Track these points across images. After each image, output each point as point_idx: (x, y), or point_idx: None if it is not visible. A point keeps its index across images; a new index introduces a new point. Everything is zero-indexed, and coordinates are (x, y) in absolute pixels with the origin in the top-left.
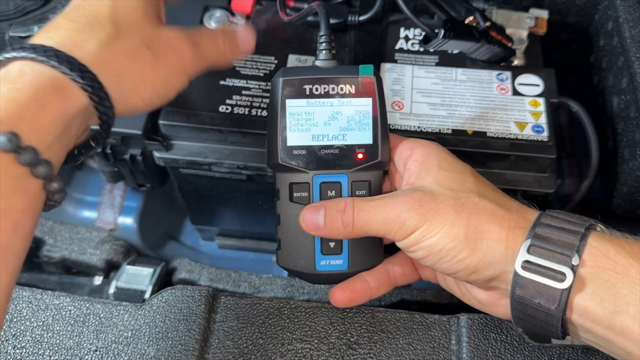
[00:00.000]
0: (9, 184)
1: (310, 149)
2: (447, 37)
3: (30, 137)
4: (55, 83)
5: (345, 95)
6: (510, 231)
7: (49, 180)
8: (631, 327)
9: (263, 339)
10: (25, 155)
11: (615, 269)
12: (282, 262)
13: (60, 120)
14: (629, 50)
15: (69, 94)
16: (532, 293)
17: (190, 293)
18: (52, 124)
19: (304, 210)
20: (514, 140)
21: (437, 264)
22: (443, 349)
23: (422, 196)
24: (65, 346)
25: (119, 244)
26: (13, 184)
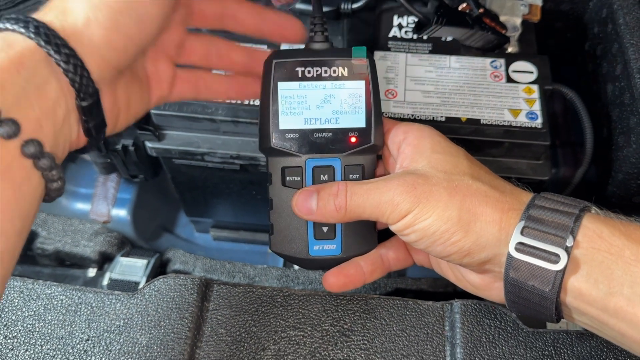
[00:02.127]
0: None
1: (302, 133)
2: (439, 23)
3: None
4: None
5: (338, 77)
6: (504, 213)
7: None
8: (625, 308)
9: (256, 327)
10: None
11: (610, 250)
12: (274, 247)
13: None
14: (623, 37)
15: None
16: (526, 275)
17: (182, 282)
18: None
19: (296, 195)
20: (507, 128)
21: (431, 247)
22: (437, 335)
23: (415, 179)
24: (57, 335)
25: (113, 235)
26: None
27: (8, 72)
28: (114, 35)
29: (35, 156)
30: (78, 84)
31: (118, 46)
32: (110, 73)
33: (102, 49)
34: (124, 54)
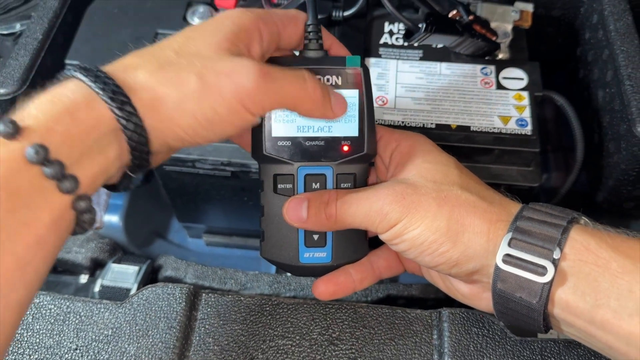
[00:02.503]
0: (35, 197)
1: (295, 140)
2: (428, 31)
3: (59, 150)
4: (88, 101)
5: (332, 86)
6: (492, 224)
7: (77, 198)
8: (612, 320)
9: (244, 336)
10: (51, 168)
11: (597, 262)
12: (265, 254)
13: (88, 135)
14: (613, 43)
15: (100, 113)
16: (513, 287)
17: (171, 291)
18: (80, 138)
19: (287, 202)
20: (497, 134)
21: (419, 257)
22: (425, 343)
23: (404, 188)
24: (45, 345)
25: (105, 242)
26: (39, 197)
27: (81, 132)
28: (188, 138)
29: (84, 211)
30: (138, 161)
31: (185, 143)
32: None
33: (170, 140)
34: (188, 146)
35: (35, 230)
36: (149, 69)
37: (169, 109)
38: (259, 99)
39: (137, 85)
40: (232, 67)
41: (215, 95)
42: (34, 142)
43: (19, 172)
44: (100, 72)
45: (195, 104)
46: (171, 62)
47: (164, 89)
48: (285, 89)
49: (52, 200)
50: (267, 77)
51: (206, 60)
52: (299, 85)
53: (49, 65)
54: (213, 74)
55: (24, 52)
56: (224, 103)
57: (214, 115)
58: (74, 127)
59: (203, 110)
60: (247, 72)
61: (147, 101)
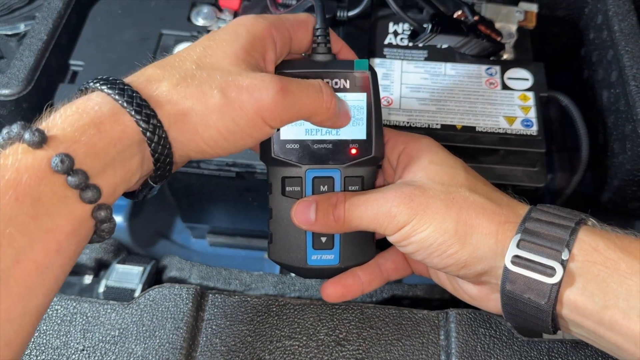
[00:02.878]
0: (57, 205)
1: (303, 143)
2: (434, 31)
3: (84, 160)
4: (114, 114)
5: (339, 89)
6: (501, 226)
7: (98, 208)
8: (621, 321)
9: (251, 337)
10: (75, 178)
11: (605, 263)
12: (273, 256)
13: (114, 147)
14: (618, 44)
15: (125, 126)
16: (522, 288)
17: (177, 291)
18: (105, 150)
19: (295, 205)
20: (503, 135)
21: (428, 259)
22: (432, 344)
23: (412, 190)
24: (52, 346)
25: (109, 242)
26: (61, 205)
27: (106, 144)
28: (207, 149)
29: (103, 220)
30: (161, 172)
31: (205, 155)
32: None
33: (192, 152)
34: (207, 157)
35: (55, 237)
36: (171, 81)
37: (193, 123)
38: (278, 114)
39: (161, 99)
40: (252, 82)
41: (237, 109)
42: (60, 151)
43: (43, 180)
44: (125, 85)
45: (218, 117)
46: (193, 75)
47: (188, 102)
48: (303, 102)
49: (74, 208)
50: (286, 92)
51: (226, 74)
52: (316, 98)
53: (53, 65)
54: (234, 89)
55: (29, 53)
56: (245, 117)
57: (235, 128)
58: (99, 139)
59: (225, 124)
60: (267, 87)
61: (172, 114)
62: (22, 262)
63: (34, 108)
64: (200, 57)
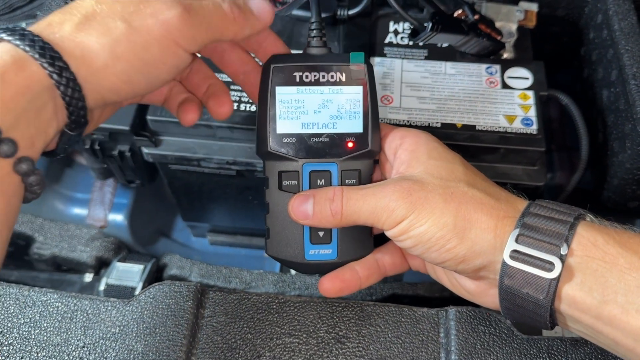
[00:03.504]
0: None
1: (300, 137)
2: (434, 30)
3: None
4: (17, 61)
5: (335, 83)
6: (499, 220)
7: (18, 161)
8: (619, 316)
9: (251, 334)
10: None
11: (604, 258)
12: (270, 251)
13: (22, 97)
14: (618, 43)
15: (32, 72)
16: (520, 283)
17: (178, 288)
18: (13, 100)
19: (292, 199)
20: (503, 134)
21: (426, 254)
22: (431, 341)
23: (411, 185)
24: (53, 343)
25: (110, 241)
26: None
27: (14, 93)
28: (122, 85)
29: (26, 174)
30: (75, 117)
31: (121, 93)
32: (103, 106)
33: (106, 91)
34: (124, 98)
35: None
36: (73, 21)
37: (100, 58)
38: (189, 33)
39: (64, 40)
40: (155, 6)
41: (144, 35)
42: None
43: None
44: (26, 31)
45: (126, 47)
46: (93, 11)
47: (93, 38)
48: (209, 17)
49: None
50: (190, 9)
51: (127, 4)
52: (219, 11)
53: None
54: (138, 16)
55: None
56: (155, 42)
57: (146, 55)
58: (6, 89)
59: (136, 52)
60: (171, 7)
61: (78, 54)
62: None
63: None
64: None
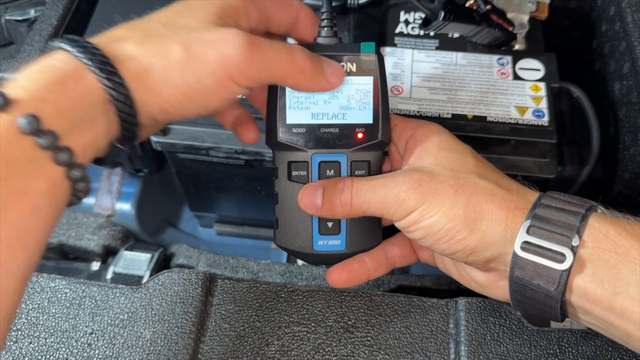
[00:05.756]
0: (28, 166)
1: (309, 128)
2: (447, 19)
3: (51, 120)
4: (77, 71)
5: (346, 73)
6: (510, 212)
7: (70, 167)
8: (631, 308)
9: (260, 322)
10: (44, 139)
11: (616, 250)
12: (279, 242)
13: (79, 106)
14: (631, 35)
15: (89, 84)
16: (531, 274)
17: (187, 276)
18: (72, 109)
19: (302, 189)
20: (514, 125)
21: (436, 245)
22: (441, 332)
23: (421, 176)
24: (61, 329)
25: (117, 229)
26: (33, 167)
27: (72, 102)
28: (171, 109)
29: (77, 180)
30: (127, 133)
31: (171, 116)
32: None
33: (156, 112)
34: (173, 120)
35: (30, 199)
36: (135, 40)
37: (154, 80)
38: (246, 70)
39: (124, 57)
40: (218, 36)
41: (199, 64)
42: (26, 112)
43: (12, 142)
44: (87, 44)
45: (179, 74)
46: (158, 33)
47: (150, 59)
48: (273, 59)
49: (46, 169)
50: (254, 46)
51: (192, 30)
52: (287, 56)
53: None
54: (198, 43)
55: (39, 38)
56: (209, 73)
57: (198, 85)
58: (65, 97)
59: (187, 81)
60: (234, 40)
61: (135, 72)
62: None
63: None
64: (169, 19)
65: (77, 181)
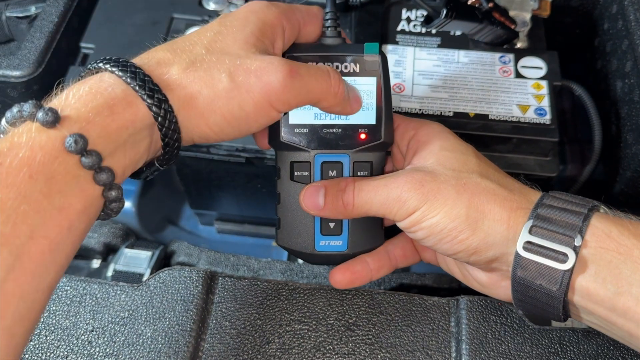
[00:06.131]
0: (70, 184)
1: (312, 128)
2: (449, 17)
3: (97, 142)
4: (126, 96)
5: (349, 73)
6: (512, 212)
7: (109, 188)
8: (634, 308)
9: (261, 320)
10: (89, 159)
11: (619, 249)
12: (281, 242)
13: (126, 130)
14: (633, 34)
15: (137, 110)
16: (533, 274)
17: (187, 274)
18: (117, 132)
19: (304, 190)
20: (516, 123)
21: (438, 245)
22: (442, 331)
23: (423, 176)
24: (62, 326)
25: (118, 227)
26: (73, 184)
27: (119, 126)
28: (212, 134)
29: (114, 200)
30: (168, 155)
31: (209, 140)
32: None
33: (197, 136)
34: (210, 142)
35: (67, 215)
36: (181, 65)
37: (200, 107)
38: (286, 98)
39: (171, 83)
40: (260, 65)
41: (244, 93)
42: (74, 132)
43: (57, 159)
44: (136, 68)
45: (224, 102)
46: (202, 59)
47: (196, 87)
48: (312, 86)
49: (85, 188)
50: (295, 76)
51: (235, 58)
52: (325, 82)
53: (64, 48)
54: (242, 73)
55: (40, 35)
56: (252, 101)
57: (241, 113)
58: (113, 120)
59: (231, 109)
60: (276, 70)
61: (181, 99)
62: (35, 239)
63: (44, 90)
64: (211, 42)
65: (112, 201)
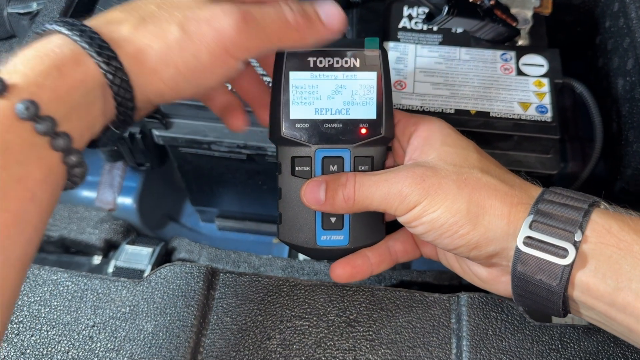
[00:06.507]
0: (27, 153)
1: (313, 123)
2: (450, 14)
3: (49, 106)
4: (75, 57)
5: (349, 68)
6: (513, 207)
7: (67, 153)
8: (633, 303)
9: (262, 316)
10: (42, 125)
11: (619, 245)
12: (282, 236)
13: (77, 90)
14: (635, 31)
15: (87, 68)
16: (533, 269)
17: (189, 270)
18: (69, 93)
19: (305, 185)
20: (517, 121)
21: (438, 240)
22: (443, 327)
23: (424, 171)
24: (63, 321)
25: (118, 223)
26: (29, 152)
27: (70, 87)
28: (168, 90)
29: (74, 166)
30: (123, 117)
31: (166, 97)
32: (148, 106)
33: (152, 94)
34: (167, 101)
35: (28, 185)
36: (132, 22)
37: (152, 62)
38: (242, 42)
39: (121, 40)
40: (211, 13)
41: (197, 43)
42: (24, 98)
43: (10, 128)
44: (85, 27)
45: (177, 53)
46: (153, 15)
47: (147, 41)
48: (268, 27)
49: (43, 155)
50: (248, 19)
51: (186, 10)
52: (278, 19)
53: None
54: (194, 22)
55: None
56: (206, 50)
57: (196, 63)
58: (63, 82)
59: (185, 60)
60: (227, 16)
61: (132, 55)
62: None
63: None
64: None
65: (74, 167)
